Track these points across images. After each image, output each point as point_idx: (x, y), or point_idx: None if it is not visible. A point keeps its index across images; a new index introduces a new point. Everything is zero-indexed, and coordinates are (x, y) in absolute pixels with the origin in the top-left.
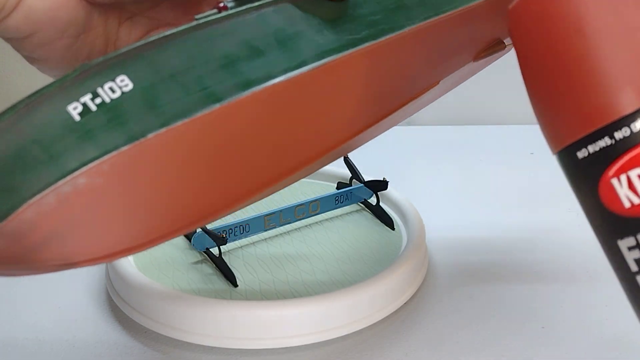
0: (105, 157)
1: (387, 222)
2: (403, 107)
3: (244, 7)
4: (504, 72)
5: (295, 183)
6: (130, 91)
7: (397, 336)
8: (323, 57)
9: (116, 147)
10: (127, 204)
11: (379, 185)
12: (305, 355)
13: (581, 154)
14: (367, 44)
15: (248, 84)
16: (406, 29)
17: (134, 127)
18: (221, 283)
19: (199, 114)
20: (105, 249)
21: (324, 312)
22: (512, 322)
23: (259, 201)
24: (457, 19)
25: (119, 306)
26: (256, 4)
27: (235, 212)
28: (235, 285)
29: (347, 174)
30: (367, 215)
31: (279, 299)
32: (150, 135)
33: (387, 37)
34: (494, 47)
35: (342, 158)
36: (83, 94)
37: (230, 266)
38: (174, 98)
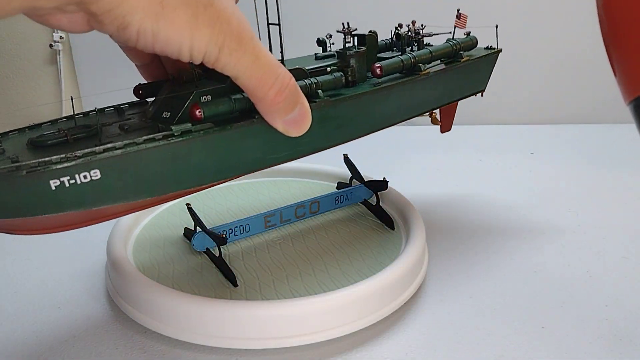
0: (61, 214)
1: (387, 222)
2: None
3: (212, 129)
4: (504, 72)
5: (295, 183)
6: (97, 180)
7: (397, 336)
8: (242, 171)
9: (70, 210)
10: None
11: (379, 185)
12: (305, 355)
13: None
14: (279, 161)
15: (178, 186)
16: (323, 149)
17: (89, 201)
18: (221, 283)
19: (135, 202)
20: (38, 232)
21: (324, 312)
22: (512, 322)
23: (259, 201)
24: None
25: (119, 306)
26: (223, 127)
27: (235, 213)
28: (235, 285)
29: (347, 174)
30: (367, 215)
31: (279, 299)
32: (94, 209)
33: (301, 154)
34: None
35: (343, 158)
36: (64, 176)
37: (230, 266)
38: (125, 189)
